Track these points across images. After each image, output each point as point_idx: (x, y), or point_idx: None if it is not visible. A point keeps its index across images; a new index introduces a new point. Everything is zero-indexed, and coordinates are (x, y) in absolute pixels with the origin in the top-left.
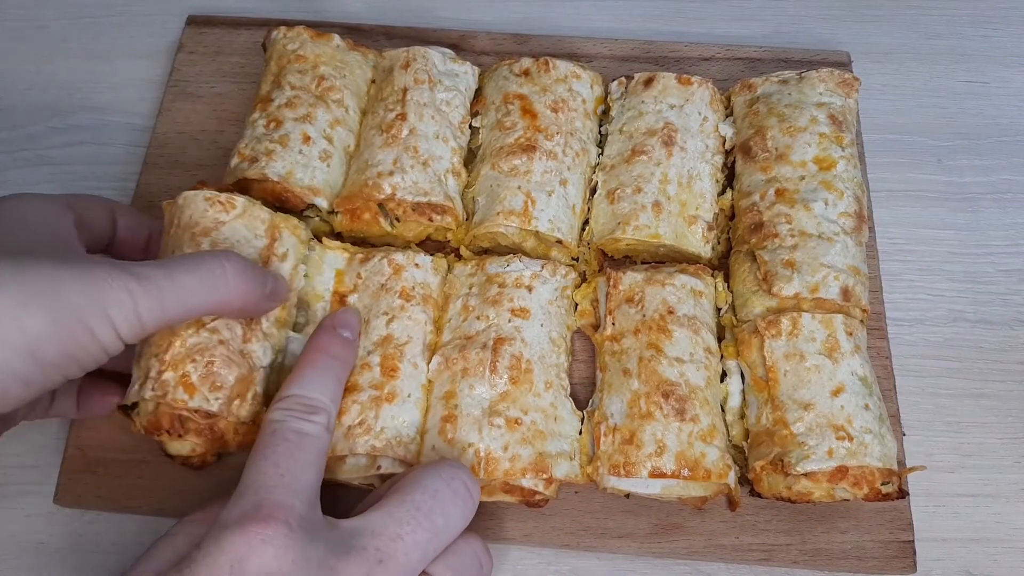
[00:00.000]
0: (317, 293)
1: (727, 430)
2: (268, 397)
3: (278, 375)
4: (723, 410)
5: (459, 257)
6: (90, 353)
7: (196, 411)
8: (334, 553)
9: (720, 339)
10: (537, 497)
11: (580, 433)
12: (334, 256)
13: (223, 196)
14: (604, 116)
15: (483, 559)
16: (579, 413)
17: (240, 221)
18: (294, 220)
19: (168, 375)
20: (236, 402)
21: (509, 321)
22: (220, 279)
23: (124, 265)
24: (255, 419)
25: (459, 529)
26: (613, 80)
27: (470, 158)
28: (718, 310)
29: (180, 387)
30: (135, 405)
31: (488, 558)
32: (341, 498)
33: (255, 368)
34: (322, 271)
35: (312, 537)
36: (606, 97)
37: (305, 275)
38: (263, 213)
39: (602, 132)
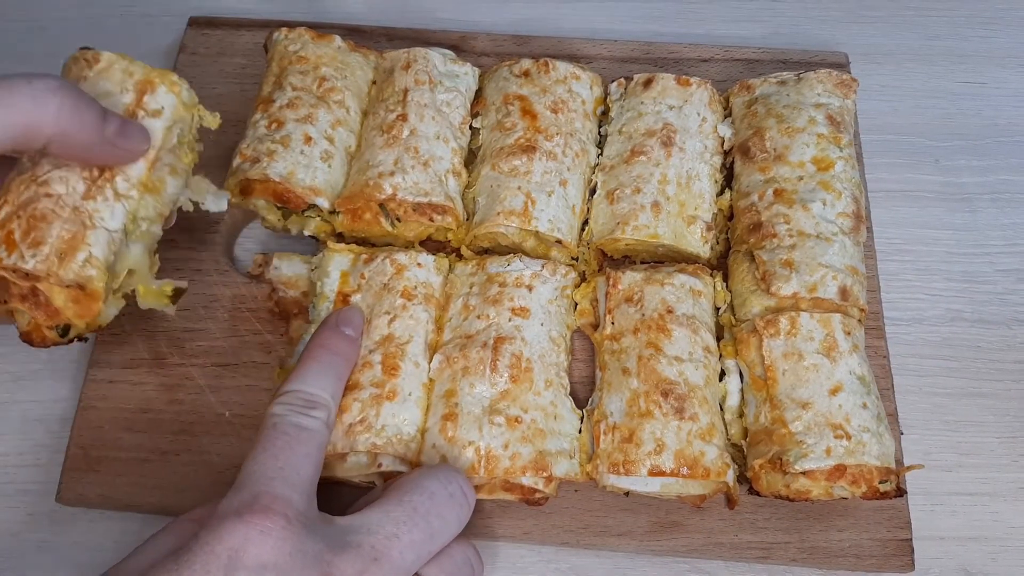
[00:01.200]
0: (323, 294)
1: (726, 429)
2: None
3: (147, 255)
4: (722, 409)
5: (460, 257)
6: None
7: (14, 270)
8: (330, 548)
9: (719, 338)
10: (537, 495)
11: (580, 431)
12: (341, 258)
13: (91, 53)
14: (603, 117)
15: (475, 564)
16: (579, 412)
17: (104, 76)
18: (174, 77)
19: None
20: (57, 260)
21: (509, 320)
22: (25, 98)
23: None
24: (85, 284)
25: (454, 533)
26: (612, 81)
27: (470, 158)
28: (717, 309)
29: (3, 245)
30: None
31: (480, 564)
32: (343, 496)
33: (92, 227)
34: (328, 274)
35: (309, 531)
36: (605, 98)
37: (314, 270)
38: (136, 68)
39: (601, 133)
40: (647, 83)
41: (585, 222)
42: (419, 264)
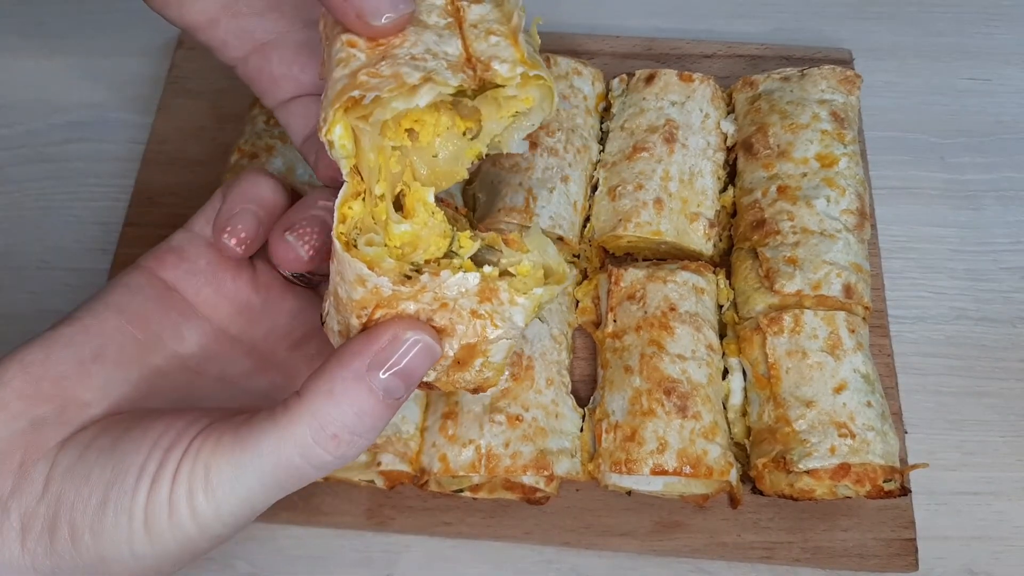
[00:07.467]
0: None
1: (729, 427)
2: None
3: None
4: (725, 407)
5: None
6: None
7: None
8: None
9: (722, 336)
10: (538, 494)
11: (581, 430)
12: None
13: None
14: (605, 113)
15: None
16: (580, 410)
17: None
18: None
19: None
20: (457, 373)
21: None
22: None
23: None
24: (481, 386)
25: None
26: (614, 77)
27: None
28: (720, 307)
29: None
30: None
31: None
32: (342, 495)
33: (490, 339)
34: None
35: None
36: (607, 94)
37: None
38: None
39: (603, 129)
40: (649, 79)
41: (587, 219)
42: None
